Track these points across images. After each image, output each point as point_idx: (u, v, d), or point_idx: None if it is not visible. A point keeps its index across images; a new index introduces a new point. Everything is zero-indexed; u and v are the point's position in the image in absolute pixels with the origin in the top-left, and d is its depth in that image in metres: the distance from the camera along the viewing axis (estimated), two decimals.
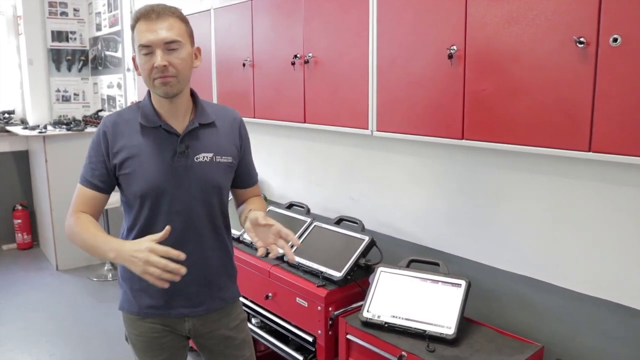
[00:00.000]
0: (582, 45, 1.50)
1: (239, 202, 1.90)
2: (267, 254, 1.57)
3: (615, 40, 1.44)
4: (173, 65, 1.54)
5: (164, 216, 1.63)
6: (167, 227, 1.46)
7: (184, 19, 1.61)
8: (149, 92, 1.68)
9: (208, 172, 1.66)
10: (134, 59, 1.63)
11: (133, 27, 1.57)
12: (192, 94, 1.72)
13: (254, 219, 1.61)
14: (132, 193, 1.64)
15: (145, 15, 1.54)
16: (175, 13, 1.58)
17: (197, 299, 1.74)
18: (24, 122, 5.82)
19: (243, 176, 1.82)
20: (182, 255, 1.42)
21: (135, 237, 1.65)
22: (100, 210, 1.69)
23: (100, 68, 5.79)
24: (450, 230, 2.24)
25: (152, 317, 1.74)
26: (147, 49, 1.53)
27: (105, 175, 1.65)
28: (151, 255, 1.39)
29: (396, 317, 1.94)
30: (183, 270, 1.41)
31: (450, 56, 1.85)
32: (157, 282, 1.40)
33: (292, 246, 1.59)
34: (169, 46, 1.53)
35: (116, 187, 1.69)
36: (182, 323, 1.76)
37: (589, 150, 1.54)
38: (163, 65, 1.52)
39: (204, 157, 1.66)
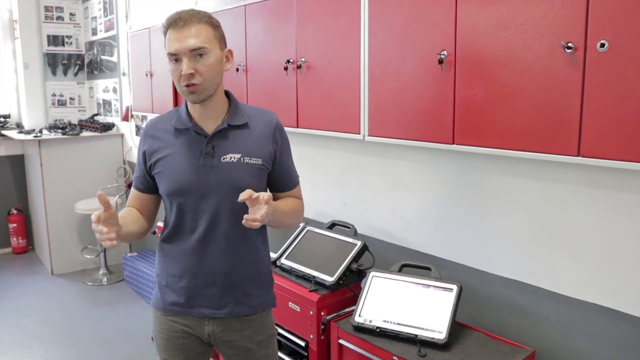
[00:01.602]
0: (570, 50, 1.51)
1: None
2: None
3: (602, 45, 1.44)
4: (199, 72, 1.57)
5: (190, 215, 1.67)
6: (98, 193, 1.49)
7: (212, 23, 1.63)
8: None
9: (234, 173, 1.65)
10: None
11: (165, 34, 1.62)
12: (228, 96, 1.74)
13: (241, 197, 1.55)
14: (163, 192, 1.71)
15: (173, 23, 1.58)
16: (202, 19, 1.60)
17: (219, 301, 1.71)
18: (19, 126, 5.82)
19: (280, 179, 1.78)
20: (112, 214, 1.48)
21: (168, 234, 1.74)
22: (149, 208, 1.79)
23: (96, 72, 5.80)
24: (442, 234, 2.24)
25: (174, 315, 1.75)
26: (175, 56, 1.58)
27: (143, 177, 1.75)
28: (93, 224, 1.45)
29: (388, 321, 1.95)
30: (113, 235, 1.47)
31: (440, 61, 1.85)
32: (106, 244, 1.46)
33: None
34: (195, 53, 1.57)
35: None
36: (202, 325, 1.74)
37: (578, 155, 1.55)
38: (189, 73, 1.56)
39: (231, 157, 1.66)
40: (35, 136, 4.99)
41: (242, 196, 1.48)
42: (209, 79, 1.60)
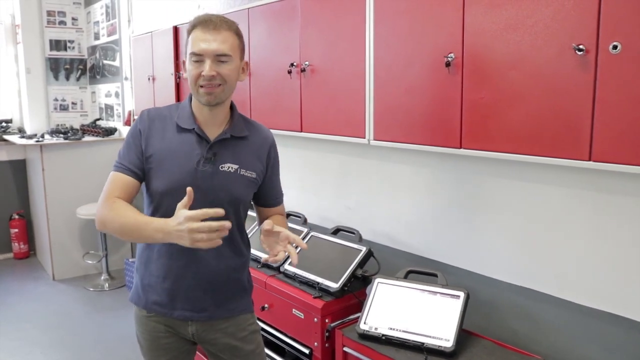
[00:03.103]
0: (582, 52, 1.48)
1: (262, 220, 1.87)
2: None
3: (615, 47, 1.41)
4: (221, 74, 1.59)
5: None
6: (189, 189, 1.43)
7: (239, 34, 1.65)
8: (190, 96, 1.72)
9: (230, 183, 1.68)
10: (183, 62, 1.66)
11: (189, 32, 1.61)
12: (231, 107, 1.75)
13: (263, 227, 1.61)
14: (154, 188, 1.66)
15: (203, 24, 1.58)
16: (231, 27, 1.61)
17: (201, 304, 1.73)
18: (21, 131, 5.81)
19: (268, 195, 1.84)
20: (220, 211, 1.40)
21: None
22: (132, 199, 1.65)
23: (98, 77, 5.78)
24: (448, 240, 2.21)
25: (157, 316, 1.75)
26: (199, 57, 1.57)
27: (140, 164, 1.65)
28: (192, 223, 1.37)
29: (394, 329, 1.91)
30: (227, 224, 1.38)
31: (447, 64, 1.82)
32: (211, 244, 1.38)
33: (297, 248, 1.60)
34: (219, 58, 1.57)
35: None
36: (185, 326, 1.76)
37: (589, 160, 1.51)
38: (211, 75, 1.56)
39: (229, 167, 1.68)
40: (37, 141, 4.97)
41: (266, 226, 1.56)
42: (229, 83, 1.62)
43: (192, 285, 1.71)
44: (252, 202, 1.84)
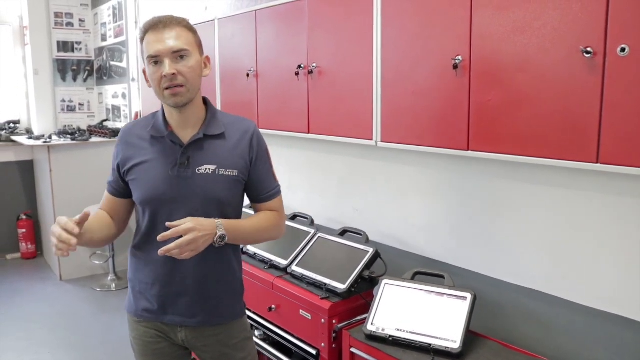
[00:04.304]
0: (589, 55, 1.48)
1: None
2: None
3: (623, 50, 1.41)
4: (181, 73, 1.56)
5: (163, 224, 1.61)
6: (84, 211, 1.47)
7: (191, 29, 1.64)
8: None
9: (208, 185, 1.64)
10: (144, 72, 1.65)
11: (142, 39, 1.60)
12: (206, 104, 1.72)
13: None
14: (136, 199, 1.70)
15: (153, 27, 1.58)
16: (182, 23, 1.61)
17: (191, 310, 1.72)
18: (29, 132, 5.84)
19: (255, 190, 1.76)
20: (75, 229, 1.41)
21: (140, 241, 1.74)
22: (121, 213, 1.76)
23: (105, 78, 5.81)
24: (455, 242, 2.21)
25: (147, 321, 1.76)
26: (156, 58, 1.56)
27: (116, 182, 1.73)
28: (54, 226, 1.41)
29: (401, 330, 1.92)
30: (73, 241, 1.39)
31: (455, 66, 1.83)
32: (56, 252, 1.39)
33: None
34: (177, 55, 1.56)
35: None
36: (175, 332, 1.76)
37: (597, 162, 1.52)
38: (172, 74, 1.55)
39: (206, 169, 1.64)
40: (44, 142, 5.00)
41: (173, 224, 1.49)
42: (192, 80, 1.59)
43: (179, 291, 1.70)
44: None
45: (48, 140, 5.10)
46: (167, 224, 1.51)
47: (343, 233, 2.54)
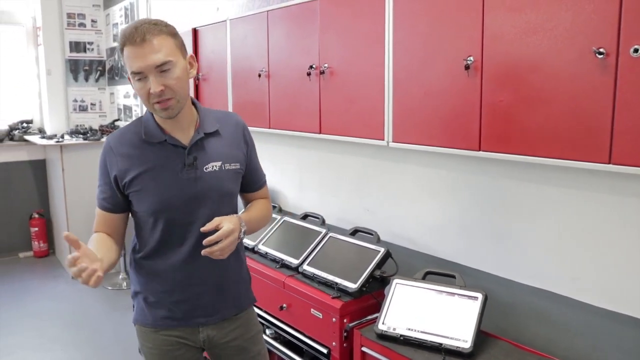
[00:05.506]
0: (602, 55, 1.48)
1: (246, 205, 1.90)
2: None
3: (636, 50, 1.41)
4: (169, 87, 1.52)
5: (179, 229, 1.64)
6: (65, 235, 1.35)
7: (170, 32, 1.56)
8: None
9: (219, 181, 1.66)
10: (129, 79, 1.58)
11: (122, 50, 1.53)
12: (194, 103, 1.71)
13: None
14: (144, 211, 1.64)
15: (130, 39, 1.49)
16: (161, 30, 1.52)
17: (213, 308, 1.75)
18: (41, 132, 5.90)
19: (251, 180, 1.82)
20: (77, 254, 1.33)
21: (151, 251, 1.69)
22: (119, 229, 1.71)
23: (116, 78, 5.85)
24: (466, 242, 2.21)
25: (167, 329, 1.73)
26: (140, 74, 1.51)
27: (113, 197, 1.67)
28: (71, 267, 1.33)
29: (412, 329, 1.92)
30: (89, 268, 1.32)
31: (467, 67, 1.83)
32: (88, 284, 1.32)
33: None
34: (161, 68, 1.50)
35: None
36: (196, 333, 1.76)
37: (609, 163, 1.52)
38: (160, 91, 1.50)
39: (212, 166, 1.66)
40: (57, 141, 5.05)
41: (209, 226, 1.51)
42: (180, 91, 1.55)
43: (199, 291, 1.71)
44: None
45: (60, 139, 5.15)
46: (202, 229, 1.52)
47: (354, 233, 2.55)
